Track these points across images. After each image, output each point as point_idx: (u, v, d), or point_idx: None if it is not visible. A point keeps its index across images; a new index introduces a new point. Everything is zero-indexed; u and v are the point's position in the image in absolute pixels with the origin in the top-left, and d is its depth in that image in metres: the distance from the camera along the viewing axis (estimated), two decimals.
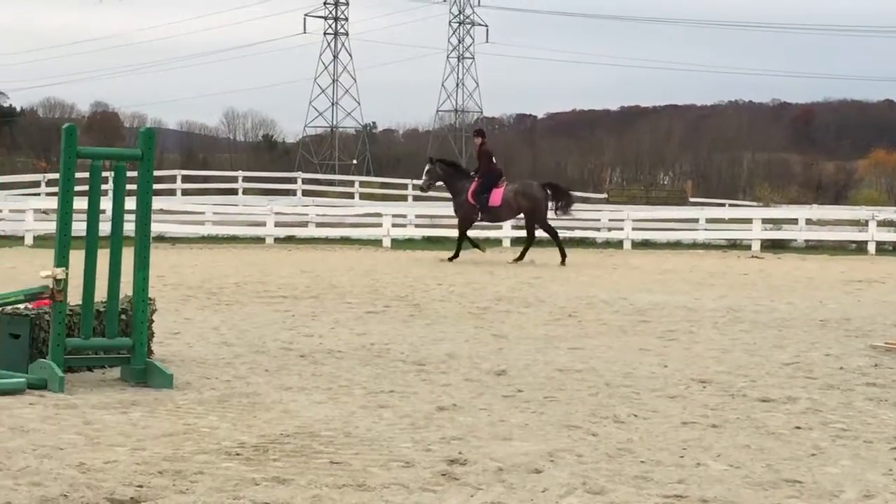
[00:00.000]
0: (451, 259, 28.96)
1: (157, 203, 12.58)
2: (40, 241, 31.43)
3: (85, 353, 11.49)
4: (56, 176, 44.64)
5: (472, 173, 30.00)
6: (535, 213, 29.74)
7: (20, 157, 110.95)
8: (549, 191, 30.28)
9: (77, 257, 11.02)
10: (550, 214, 29.99)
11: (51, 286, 10.96)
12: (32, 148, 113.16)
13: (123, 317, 11.69)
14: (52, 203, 35.14)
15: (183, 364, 12.31)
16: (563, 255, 29.12)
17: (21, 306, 11.58)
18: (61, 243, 10.97)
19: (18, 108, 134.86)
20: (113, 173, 11.56)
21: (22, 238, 32.36)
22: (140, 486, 7.42)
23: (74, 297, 11.33)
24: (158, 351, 12.54)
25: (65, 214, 11.00)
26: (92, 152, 11.63)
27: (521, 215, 30.43)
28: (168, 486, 7.44)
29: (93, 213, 11.29)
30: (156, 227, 11.36)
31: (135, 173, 11.78)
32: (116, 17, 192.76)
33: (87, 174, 11.62)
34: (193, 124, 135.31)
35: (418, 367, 12.53)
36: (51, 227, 31.14)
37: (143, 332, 11.41)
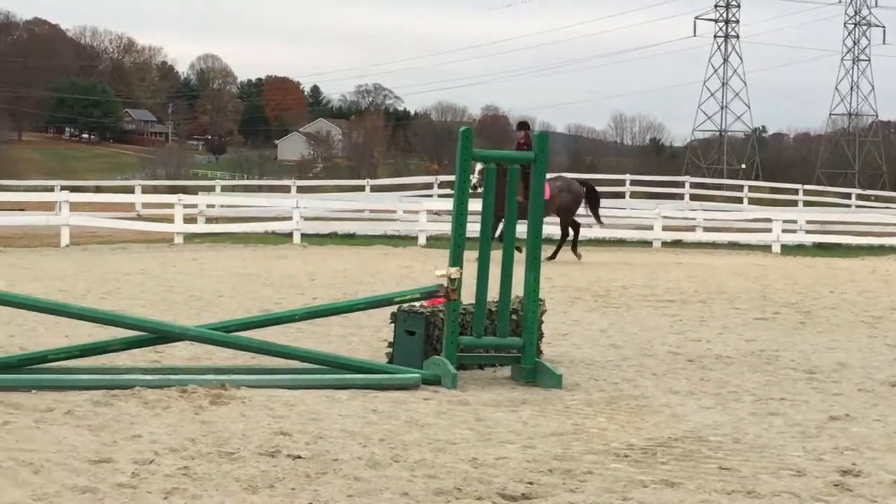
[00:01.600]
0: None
1: None
2: (433, 241, 32.30)
3: (477, 351, 11.79)
4: (448, 178, 45.88)
5: None
6: (572, 208, 28.50)
7: (413, 160, 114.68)
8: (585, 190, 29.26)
9: (470, 257, 11.31)
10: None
11: (445, 285, 11.29)
12: (425, 150, 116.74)
13: (514, 317, 11.92)
14: (445, 204, 36.12)
15: (571, 365, 12.46)
16: (556, 254, 27.56)
17: (416, 304, 11.98)
18: (456, 243, 11.28)
19: (412, 112, 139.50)
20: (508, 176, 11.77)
21: (415, 238, 33.32)
22: (531, 483, 7.58)
23: (466, 296, 11.63)
24: (547, 351, 12.72)
25: (460, 216, 11.30)
26: (486, 155, 11.92)
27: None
28: (558, 485, 7.58)
29: (486, 215, 11.56)
30: (543, 229, 11.59)
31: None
32: (508, 22, 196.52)
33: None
34: (581, 128, 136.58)
35: (809, 376, 12.30)
36: (442, 227, 32.10)
37: (533, 332, 11.61)
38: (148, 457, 7.98)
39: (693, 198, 52.33)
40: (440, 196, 42.54)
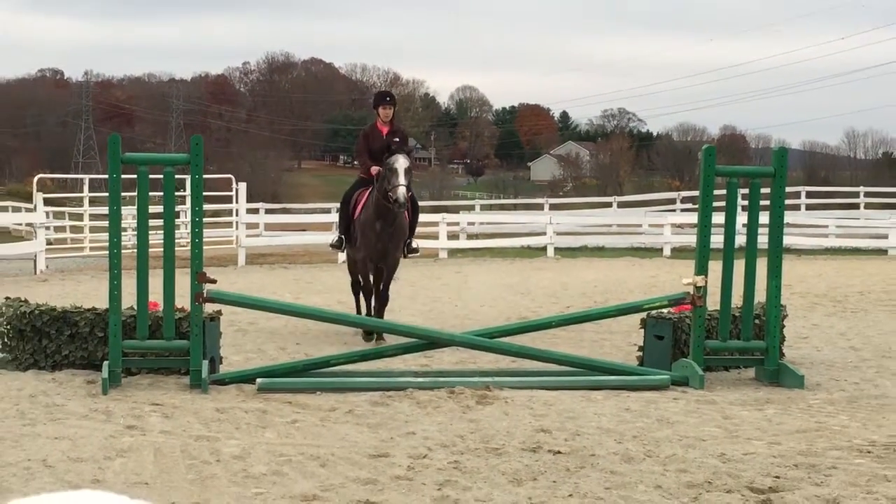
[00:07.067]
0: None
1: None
2: (677, 252, 31.95)
3: (722, 353, 11.62)
4: (690, 193, 45.32)
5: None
6: None
7: (656, 177, 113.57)
8: None
9: (713, 267, 11.16)
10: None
11: (692, 292, 11.18)
12: (667, 168, 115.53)
13: (757, 321, 11.72)
14: (687, 218, 35.71)
15: (812, 366, 12.17)
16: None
17: (665, 311, 11.87)
18: (701, 254, 11.16)
19: (655, 133, 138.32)
20: (750, 190, 11.54)
21: (660, 250, 33.01)
22: (777, 477, 7.43)
23: (711, 303, 11.47)
24: (789, 353, 12.46)
25: (704, 227, 11.16)
26: (729, 170, 11.77)
27: None
28: (804, 479, 7.40)
29: (730, 226, 11.39)
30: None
31: (767, 190, 11.76)
32: (745, 47, 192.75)
33: (723, 191, 11.73)
34: (815, 144, 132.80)
35: None
36: (686, 239, 31.72)
37: (776, 335, 11.39)
38: (422, 452, 8.10)
39: None
40: (682, 210, 42.01)
